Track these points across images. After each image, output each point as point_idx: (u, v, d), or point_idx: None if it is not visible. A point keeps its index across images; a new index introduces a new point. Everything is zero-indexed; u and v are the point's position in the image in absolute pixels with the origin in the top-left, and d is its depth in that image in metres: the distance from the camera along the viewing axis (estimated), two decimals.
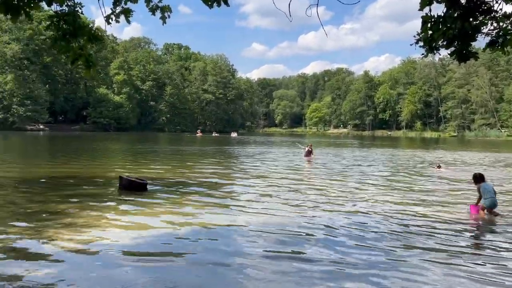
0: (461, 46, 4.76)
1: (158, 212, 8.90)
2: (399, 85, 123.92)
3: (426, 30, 4.85)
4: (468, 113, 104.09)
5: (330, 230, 7.61)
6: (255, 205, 9.91)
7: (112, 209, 9.16)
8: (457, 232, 7.69)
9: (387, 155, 29.98)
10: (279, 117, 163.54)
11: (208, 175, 15.79)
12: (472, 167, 20.90)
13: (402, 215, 8.98)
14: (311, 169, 18.92)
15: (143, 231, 7.29)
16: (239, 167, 19.90)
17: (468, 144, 58.37)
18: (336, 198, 11.08)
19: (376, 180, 15.25)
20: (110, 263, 5.70)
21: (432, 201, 10.82)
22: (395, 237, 7.16)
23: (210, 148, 36.63)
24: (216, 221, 8.17)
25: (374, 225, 8.06)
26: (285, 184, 13.70)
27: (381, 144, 52.47)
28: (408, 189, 13.14)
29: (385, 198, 11.20)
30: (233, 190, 12.36)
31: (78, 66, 9.89)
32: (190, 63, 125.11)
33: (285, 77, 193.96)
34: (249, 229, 7.61)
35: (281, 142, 53.14)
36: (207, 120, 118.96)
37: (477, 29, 4.71)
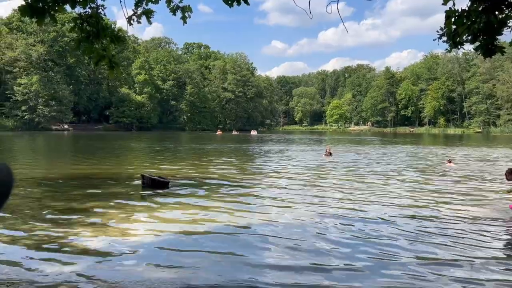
0: (487, 41, 4.64)
1: (180, 210, 9.00)
2: (422, 81, 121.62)
3: (450, 24, 4.75)
4: (494, 109, 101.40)
5: (350, 228, 7.56)
6: (276, 203, 9.92)
7: (136, 207, 9.32)
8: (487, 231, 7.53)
9: (409, 153, 29.50)
10: (299, 115, 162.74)
11: (229, 173, 15.86)
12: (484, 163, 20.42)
13: (425, 212, 8.85)
14: (330, 168, 18.78)
15: (166, 229, 7.39)
16: (259, 165, 19.92)
17: (493, 140, 56.87)
18: (354, 197, 10.97)
19: (398, 179, 15.04)
20: (134, 260, 5.80)
21: (457, 198, 10.62)
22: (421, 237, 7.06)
23: (230, 146, 36.79)
24: (237, 219, 8.22)
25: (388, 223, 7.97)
26: (304, 182, 13.65)
27: (404, 141, 51.63)
28: (422, 186, 12.93)
29: (404, 197, 11.05)
30: (254, 188, 12.38)
31: (102, 66, 10.08)
32: (210, 62, 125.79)
33: (305, 75, 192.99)
34: (270, 227, 7.61)
35: (300, 140, 52.90)
36: (227, 119, 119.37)
37: (503, 23, 4.58)
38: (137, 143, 39.76)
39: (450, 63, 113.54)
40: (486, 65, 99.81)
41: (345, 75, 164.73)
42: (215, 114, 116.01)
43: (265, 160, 22.40)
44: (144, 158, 23.87)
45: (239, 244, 6.57)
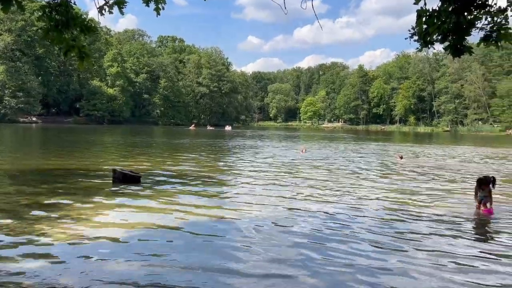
0: (456, 41, 4.75)
1: (151, 205, 8.88)
2: (393, 80, 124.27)
3: (421, 24, 4.84)
4: (461, 108, 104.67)
5: (320, 221, 7.65)
6: (249, 198, 9.92)
7: (105, 202, 9.13)
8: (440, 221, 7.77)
9: (378, 150, 30.13)
10: (274, 111, 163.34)
11: (202, 168, 15.77)
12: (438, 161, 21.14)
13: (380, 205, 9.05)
14: (304, 164, 18.94)
15: (137, 224, 7.27)
16: (233, 160, 19.90)
17: (461, 138, 58.77)
18: (326, 191, 11.11)
19: (362, 174, 15.33)
20: (102, 256, 5.68)
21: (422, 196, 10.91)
22: (381, 228, 7.20)
23: (204, 141, 36.57)
24: (209, 214, 8.18)
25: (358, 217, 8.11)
26: (278, 177, 13.73)
27: (375, 138, 52.67)
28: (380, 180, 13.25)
29: (368, 190, 11.27)
30: (227, 184, 12.36)
31: (72, 57, 9.80)
32: (185, 56, 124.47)
33: (280, 71, 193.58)
34: (242, 222, 7.62)
35: (275, 136, 53.17)
36: (201, 114, 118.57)
37: (472, 24, 4.70)
38: (108, 137, 38.99)
39: (421, 63, 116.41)
40: (455, 65, 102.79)
41: (320, 73, 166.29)
42: (189, 108, 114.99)
43: (239, 156, 22.39)
44: (115, 152, 23.43)
45: (211, 240, 6.54)
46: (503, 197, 10.81)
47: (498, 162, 22.32)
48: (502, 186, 12.93)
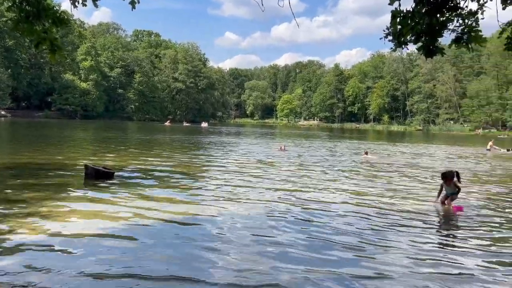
0: (428, 41, 4.88)
1: (124, 202, 8.74)
2: (368, 79, 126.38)
3: (395, 24, 4.95)
4: (433, 108, 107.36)
5: (295, 216, 7.71)
6: (224, 194, 9.90)
7: (77, 199, 8.93)
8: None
9: (352, 147, 30.61)
10: (251, 108, 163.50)
11: (177, 165, 15.63)
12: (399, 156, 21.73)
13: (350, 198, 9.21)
14: (280, 161, 19.05)
15: (109, 221, 7.15)
16: (208, 157, 19.81)
17: (432, 137, 60.30)
18: (301, 188, 11.21)
19: (337, 171, 15.55)
20: (73, 253, 5.56)
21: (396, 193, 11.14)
22: (356, 220, 7.33)
23: (179, 137, 36.25)
24: (184, 210, 8.12)
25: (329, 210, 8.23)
26: (254, 174, 13.75)
27: (350, 136, 53.43)
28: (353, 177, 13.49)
29: (335, 184, 11.45)
30: (202, 180, 12.29)
31: (43, 50, 9.54)
32: (161, 51, 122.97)
33: (257, 68, 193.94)
34: (218, 218, 7.60)
35: (252, 133, 53.23)
36: (177, 109, 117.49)
37: (444, 25, 4.84)
38: (81, 132, 38.14)
39: (395, 63, 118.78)
40: (428, 66, 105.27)
41: (296, 71, 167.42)
42: (165, 104, 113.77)
43: (215, 152, 22.31)
44: (88, 147, 22.95)
45: (185, 237, 6.50)
46: (472, 195, 11.14)
47: (466, 160, 23.01)
48: (470, 184, 13.35)
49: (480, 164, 20.91)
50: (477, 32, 4.79)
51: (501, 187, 13.04)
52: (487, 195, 11.24)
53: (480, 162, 22.35)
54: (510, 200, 10.59)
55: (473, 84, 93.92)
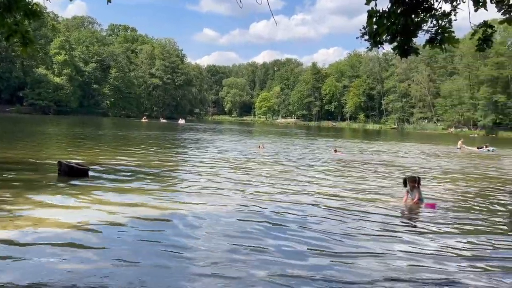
0: (403, 41, 4.97)
1: (99, 199, 8.58)
2: (345, 78, 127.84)
3: (372, 24, 5.01)
4: (408, 107, 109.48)
5: (273, 215, 7.74)
6: (199, 192, 9.84)
7: (50, 197, 8.71)
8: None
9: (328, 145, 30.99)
10: (229, 105, 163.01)
11: (153, 162, 15.46)
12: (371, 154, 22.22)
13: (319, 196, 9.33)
14: (257, 159, 19.09)
15: (84, 220, 7.00)
16: (185, 154, 19.68)
17: (406, 136, 61.57)
18: (280, 185, 11.26)
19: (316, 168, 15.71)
20: (44, 253, 5.43)
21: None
22: (328, 219, 7.41)
23: (156, 134, 35.85)
24: (159, 208, 8.03)
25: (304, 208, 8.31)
26: (230, 172, 13.73)
27: (326, 135, 54.00)
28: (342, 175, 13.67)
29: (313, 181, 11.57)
30: (178, 178, 12.19)
31: (15, 43, 9.23)
32: (137, 46, 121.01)
33: (236, 65, 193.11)
34: (192, 217, 7.54)
35: (230, 131, 53.12)
36: (154, 106, 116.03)
37: (418, 26, 4.93)
38: (54, 128, 37.23)
39: (371, 62, 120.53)
40: (403, 65, 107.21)
41: (275, 68, 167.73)
42: (141, 100, 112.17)
43: (191, 150, 22.17)
44: (61, 144, 22.44)
45: (162, 235, 6.44)
46: (443, 192, 11.43)
47: (439, 159, 23.60)
48: (442, 182, 13.70)
49: (451, 163, 21.48)
50: (450, 33, 4.90)
51: (470, 184, 13.43)
52: (458, 193, 11.55)
53: (451, 160, 22.96)
54: (479, 197, 10.91)
55: (446, 84, 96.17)
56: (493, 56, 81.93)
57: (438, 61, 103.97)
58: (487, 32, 5.09)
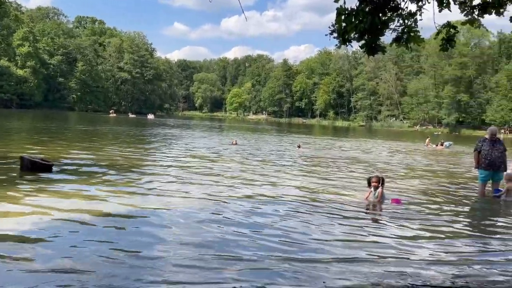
0: (371, 40, 5.04)
1: (63, 196, 8.31)
2: (315, 75, 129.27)
3: (340, 22, 5.05)
4: (376, 105, 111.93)
5: (237, 212, 7.74)
6: (168, 188, 9.70)
7: (12, 193, 8.35)
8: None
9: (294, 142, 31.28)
10: (199, 101, 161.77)
11: (120, 157, 15.14)
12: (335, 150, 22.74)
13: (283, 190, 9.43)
14: (226, 153, 19.04)
15: (47, 217, 6.76)
16: (154, 150, 19.38)
17: (374, 133, 62.94)
18: (246, 182, 11.27)
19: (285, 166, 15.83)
20: (3, 252, 5.21)
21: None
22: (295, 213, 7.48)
23: (124, 129, 35.13)
24: (128, 206, 7.86)
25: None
26: (199, 168, 13.62)
27: (296, 131, 54.47)
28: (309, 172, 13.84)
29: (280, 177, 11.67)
30: (145, 174, 11.96)
31: None
32: (105, 39, 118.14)
33: (207, 60, 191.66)
34: (160, 213, 7.43)
35: (201, 126, 52.72)
36: (122, 100, 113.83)
37: (385, 25, 5.02)
38: (16, 122, 35.84)
39: (341, 60, 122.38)
40: (371, 64, 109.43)
41: (246, 64, 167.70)
42: (109, 94, 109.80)
43: (160, 145, 21.86)
44: (24, 138, 21.62)
45: (129, 233, 6.30)
46: (409, 188, 11.74)
47: (405, 155, 24.25)
48: (408, 178, 14.08)
49: (416, 159, 22.10)
50: (415, 32, 5.02)
51: (435, 181, 13.85)
52: (422, 188, 11.89)
53: (416, 157, 23.62)
54: (443, 193, 11.27)
55: (413, 83, 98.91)
56: (457, 56, 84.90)
57: (405, 60, 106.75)
58: (450, 32, 5.24)
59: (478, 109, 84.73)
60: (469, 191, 11.77)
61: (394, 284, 4.61)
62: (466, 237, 7.01)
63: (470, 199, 10.66)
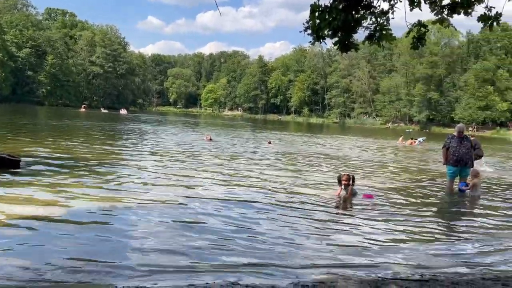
0: (344, 37, 5.09)
1: (32, 193, 8.06)
2: (291, 72, 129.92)
3: (314, 19, 5.08)
4: (349, 102, 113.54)
5: (202, 211, 7.72)
6: (138, 185, 9.56)
7: None
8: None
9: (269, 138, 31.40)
10: (174, 96, 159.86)
11: (91, 153, 14.81)
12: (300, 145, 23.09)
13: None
14: (201, 151, 18.94)
15: (15, 214, 6.54)
16: (125, 146, 19.06)
17: (347, 130, 63.87)
18: (217, 179, 11.25)
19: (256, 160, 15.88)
20: None
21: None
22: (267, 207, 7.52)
23: (95, 124, 34.39)
24: (99, 202, 7.70)
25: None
26: (171, 164, 13.49)
27: (271, 127, 54.69)
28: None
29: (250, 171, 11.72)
30: (115, 171, 11.74)
31: None
32: (76, 32, 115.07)
33: (181, 55, 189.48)
34: (131, 209, 7.33)
35: (175, 122, 52.18)
36: (94, 95, 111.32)
37: (358, 22, 5.07)
38: None
39: (315, 58, 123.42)
40: (345, 62, 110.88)
41: (221, 60, 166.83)
42: (81, 89, 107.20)
43: (133, 141, 21.52)
44: None
45: (100, 230, 6.18)
46: (381, 183, 11.98)
47: (374, 152, 24.72)
48: (380, 174, 14.36)
49: (389, 156, 22.58)
50: (387, 30, 5.10)
51: (406, 177, 14.19)
52: (394, 184, 12.15)
53: (389, 154, 24.13)
54: (414, 188, 11.56)
55: (385, 81, 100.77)
56: (428, 55, 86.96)
57: (378, 58, 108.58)
58: (421, 31, 5.35)
59: (447, 107, 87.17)
60: (438, 186, 12.11)
61: (364, 277, 4.69)
62: (434, 231, 7.21)
63: (438, 194, 10.98)
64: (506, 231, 7.42)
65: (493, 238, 6.83)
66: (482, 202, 10.11)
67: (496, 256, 5.93)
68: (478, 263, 5.59)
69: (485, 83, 78.95)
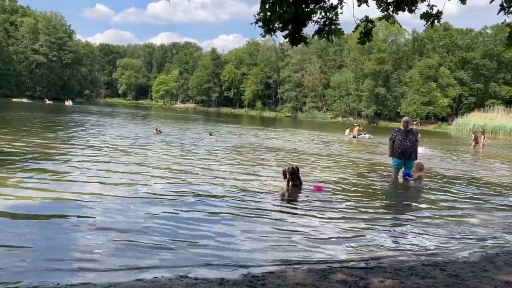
0: (294, 30, 5.13)
1: None
2: (244, 65, 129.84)
3: (265, 10, 5.07)
4: (301, 96, 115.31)
5: (164, 199, 7.58)
6: (82, 179, 9.20)
7: None
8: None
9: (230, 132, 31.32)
10: (123, 87, 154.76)
11: (35, 146, 14.06)
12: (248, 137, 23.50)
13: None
14: (153, 145, 18.53)
15: None
16: (71, 138, 18.27)
17: (299, 123, 64.97)
18: (165, 174, 11.07)
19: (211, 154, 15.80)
20: None
21: None
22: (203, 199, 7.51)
23: (38, 116, 32.66)
24: (46, 198, 7.32)
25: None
26: (118, 158, 13.11)
27: (225, 121, 54.54)
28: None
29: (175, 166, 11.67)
30: (62, 164, 11.23)
31: None
32: (17, 18, 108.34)
33: (131, 45, 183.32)
34: (79, 202, 7.04)
35: (124, 114, 50.65)
36: (37, 85, 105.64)
37: (308, 16, 5.12)
38: None
39: (268, 52, 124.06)
40: (298, 56, 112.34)
41: (173, 51, 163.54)
42: (22, 78, 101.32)
43: (79, 133, 20.67)
44: None
45: (51, 227, 5.89)
46: (330, 175, 12.28)
47: (323, 145, 25.33)
48: (329, 165, 14.73)
49: (337, 149, 23.19)
50: (336, 25, 5.19)
51: (353, 168, 14.64)
52: (341, 176, 12.50)
53: (337, 146, 24.78)
54: (360, 179, 11.96)
55: (335, 76, 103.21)
56: (376, 52, 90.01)
57: (329, 54, 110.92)
58: (368, 26, 5.50)
59: (393, 102, 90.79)
60: (384, 178, 12.60)
61: (313, 267, 4.79)
62: (379, 220, 7.50)
63: (384, 186, 11.43)
64: (445, 220, 7.85)
65: (433, 227, 7.20)
66: (425, 193, 10.63)
67: (435, 243, 6.27)
68: (419, 251, 5.88)
69: (428, 80, 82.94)
